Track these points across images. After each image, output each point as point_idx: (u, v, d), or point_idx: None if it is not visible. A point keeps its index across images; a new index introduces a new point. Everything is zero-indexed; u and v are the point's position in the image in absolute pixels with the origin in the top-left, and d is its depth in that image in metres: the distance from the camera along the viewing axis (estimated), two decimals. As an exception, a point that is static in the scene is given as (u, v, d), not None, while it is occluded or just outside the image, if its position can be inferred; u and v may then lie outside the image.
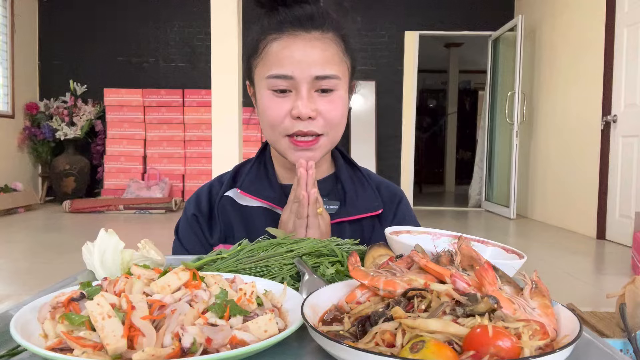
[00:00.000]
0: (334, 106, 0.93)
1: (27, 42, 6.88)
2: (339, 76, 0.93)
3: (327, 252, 0.74)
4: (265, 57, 0.93)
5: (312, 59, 0.90)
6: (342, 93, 0.95)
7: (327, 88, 0.92)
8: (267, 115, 0.94)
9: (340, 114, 0.95)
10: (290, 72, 0.90)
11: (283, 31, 0.91)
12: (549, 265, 3.45)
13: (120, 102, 6.80)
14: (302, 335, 0.51)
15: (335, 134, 0.97)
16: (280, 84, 0.91)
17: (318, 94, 0.92)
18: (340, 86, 0.94)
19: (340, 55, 0.94)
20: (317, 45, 0.91)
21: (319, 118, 0.92)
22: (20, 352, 0.49)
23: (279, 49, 0.91)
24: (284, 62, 0.90)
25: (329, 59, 0.91)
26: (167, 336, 0.44)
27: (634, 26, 4.35)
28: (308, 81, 0.90)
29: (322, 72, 0.90)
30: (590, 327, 1.66)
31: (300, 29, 0.91)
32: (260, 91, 0.95)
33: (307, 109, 0.90)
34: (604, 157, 4.70)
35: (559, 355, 0.41)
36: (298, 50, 0.90)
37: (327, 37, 0.92)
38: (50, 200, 7.02)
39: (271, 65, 0.91)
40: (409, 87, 7.06)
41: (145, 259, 0.71)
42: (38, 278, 3.01)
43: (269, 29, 0.93)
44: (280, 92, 0.92)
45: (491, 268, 0.53)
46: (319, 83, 0.91)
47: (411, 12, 6.97)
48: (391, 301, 0.50)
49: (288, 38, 0.91)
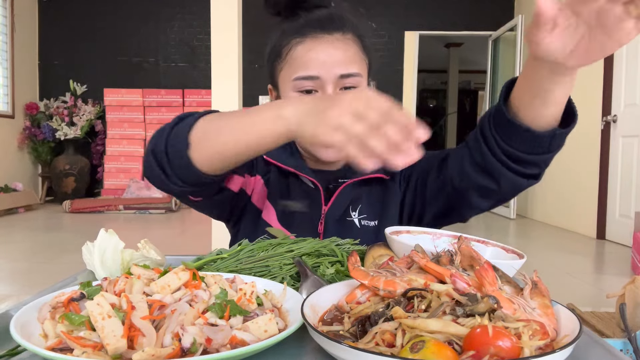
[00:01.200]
0: None
1: (27, 42, 6.88)
2: (361, 74, 0.97)
3: (327, 252, 0.74)
4: (290, 61, 0.96)
5: (336, 59, 0.94)
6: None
7: (351, 85, 0.96)
8: None
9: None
10: (317, 72, 0.93)
11: (306, 35, 0.95)
12: (549, 265, 3.45)
13: (120, 102, 6.80)
14: (302, 335, 0.51)
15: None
16: (307, 84, 0.94)
17: (343, 92, 0.95)
18: (362, 83, 0.98)
19: (360, 54, 0.98)
20: (339, 46, 0.95)
21: None
22: (20, 352, 0.49)
23: (303, 52, 0.94)
24: (310, 63, 0.93)
25: (351, 58, 0.95)
26: (167, 336, 0.44)
27: (634, 26, 4.35)
28: (333, 80, 0.94)
29: (346, 70, 0.94)
30: (590, 327, 1.66)
31: (323, 31, 0.95)
32: (286, 93, 0.97)
33: None
34: (604, 157, 4.70)
35: (559, 355, 0.41)
36: (322, 51, 0.94)
37: (347, 38, 0.96)
38: (50, 200, 7.02)
39: (297, 68, 0.94)
40: (409, 87, 7.06)
41: (145, 259, 0.72)
42: (38, 278, 3.01)
43: (291, 33, 0.96)
44: (307, 93, 0.95)
45: (491, 268, 0.53)
46: (343, 81, 0.95)
47: (411, 12, 6.97)
48: (391, 301, 0.50)
49: (312, 41, 0.94)
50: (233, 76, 4.39)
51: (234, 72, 4.39)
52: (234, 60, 4.36)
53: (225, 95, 4.42)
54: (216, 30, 4.36)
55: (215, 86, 4.43)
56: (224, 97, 4.43)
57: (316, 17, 0.96)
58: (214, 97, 4.46)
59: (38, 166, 7.09)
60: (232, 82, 4.40)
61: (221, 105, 4.42)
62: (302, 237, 0.79)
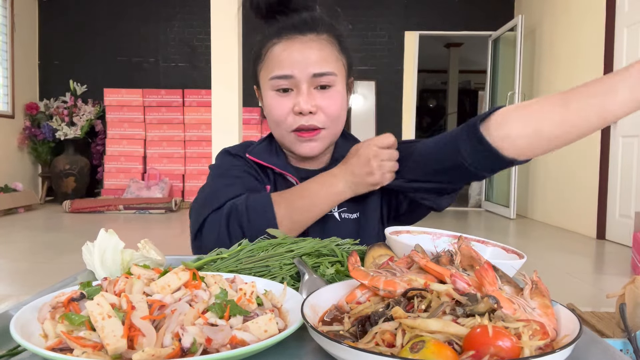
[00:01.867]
0: (333, 101, 1.01)
1: (27, 42, 6.88)
2: (335, 73, 1.00)
3: (327, 252, 0.74)
4: (267, 61, 1.01)
5: (310, 59, 0.97)
6: (340, 88, 1.02)
7: (325, 84, 0.99)
8: (273, 114, 1.02)
9: (338, 108, 1.02)
10: (290, 71, 0.97)
11: (282, 36, 0.99)
12: (549, 265, 3.45)
13: (120, 102, 6.80)
14: (302, 335, 0.51)
15: (335, 127, 1.05)
16: (282, 83, 0.99)
17: (317, 91, 1.00)
18: (337, 82, 1.01)
19: (336, 54, 1.02)
20: (313, 46, 0.99)
21: (320, 113, 1.00)
22: (20, 352, 0.49)
23: (279, 52, 0.99)
24: (284, 63, 0.98)
25: (325, 57, 0.99)
26: (167, 336, 0.44)
27: (634, 26, 4.35)
28: (307, 79, 0.98)
29: (320, 69, 0.98)
30: (590, 327, 1.66)
31: (297, 33, 0.99)
32: (265, 92, 1.03)
33: (308, 105, 0.98)
34: (604, 157, 4.70)
35: (559, 355, 0.41)
36: (296, 51, 0.98)
37: (322, 39, 1.00)
38: (50, 200, 7.02)
39: (273, 68, 0.99)
40: (409, 87, 7.06)
41: (145, 259, 0.72)
42: (38, 278, 3.01)
43: (269, 36, 1.01)
44: (283, 92, 1.00)
45: (491, 268, 0.53)
46: (318, 80, 0.98)
47: (411, 12, 6.97)
48: (391, 301, 0.50)
49: (287, 42, 0.99)
50: (233, 76, 4.40)
51: (234, 72, 4.39)
52: (234, 60, 4.37)
53: (225, 95, 4.43)
54: (216, 30, 4.36)
55: (215, 86, 4.43)
56: (224, 97, 4.43)
57: (291, 20, 1.01)
58: (214, 97, 4.46)
59: (38, 166, 7.08)
60: (232, 82, 4.41)
61: (221, 105, 4.42)
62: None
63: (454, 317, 0.45)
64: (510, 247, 0.72)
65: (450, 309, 0.46)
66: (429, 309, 0.47)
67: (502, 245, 0.75)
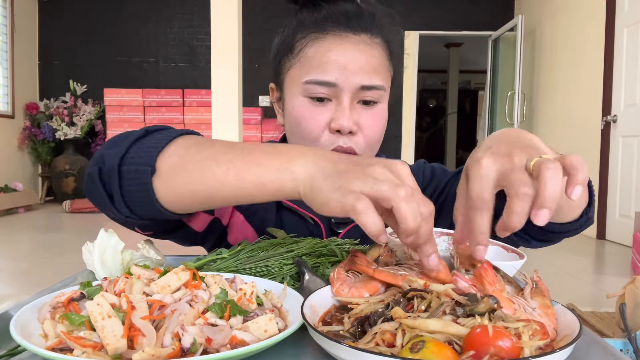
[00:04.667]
0: (377, 121, 0.83)
1: (27, 42, 6.88)
2: (385, 87, 0.82)
3: (327, 252, 0.74)
4: (304, 59, 0.81)
5: (360, 66, 0.79)
6: (384, 106, 0.84)
7: (371, 100, 0.81)
8: (303, 127, 0.81)
9: (380, 130, 0.84)
10: (334, 78, 0.79)
11: (327, 30, 0.80)
12: (549, 265, 3.45)
13: (120, 102, 6.80)
14: (302, 335, 0.51)
15: (371, 153, 0.85)
16: (320, 91, 0.80)
17: (360, 106, 0.82)
18: (384, 98, 0.84)
19: (386, 64, 0.84)
20: (365, 50, 0.80)
21: (359, 134, 0.81)
22: (20, 352, 0.49)
23: (322, 51, 0.80)
24: (328, 66, 0.79)
25: (376, 67, 0.81)
26: (167, 336, 0.44)
27: (634, 26, 4.35)
28: (352, 90, 0.79)
29: (369, 81, 0.80)
30: (590, 327, 1.66)
31: (348, 29, 0.80)
32: (293, 97, 0.83)
33: (350, 122, 0.79)
34: (604, 157, 4.69)
35: (559, 355, 0.41)
36: (344, 53, 0.79)
37: (375, 42, 0.82)
38: (50, 200, 7.02)
39: (310, 69, 0.80)
40: (409, 87, 7.06)
41: (145, 259, 0.72)
42: (38, 278, 3.01)
43: (309, 26, 0.82)
44: (318, 101, 0.81)
45: (491, 268, 0.53)
46: (363, 94, 0.80)
47: (411, 12, 6.97)
48: (391, 301, 0.50)
49: (333, 39, 0.80)
50: (233, 76, 4.40)
51: (234, 72, 4.39)
52: (234, 60, 4.36)
53: (225, 95, 4.42)
54: (216, 30, 4.36)
55: (215, 86, 4.43)
56: (224, 97, 4.43)
57: (342, 10, 0.81)
58: (214, 97, 4.46)
59: (38, 166, 7.08)
60: (232, 82, 4.41)
61: (221, 105, 4.42)
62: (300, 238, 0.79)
63: (454, 317, 0.45)
64: (511, 247, 0.72)
65: (450, 309, 0.46)
66: (429, 309, 0.47)
67: (503, 244, 0.75)
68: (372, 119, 0.82)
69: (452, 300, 0.48)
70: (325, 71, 0.79)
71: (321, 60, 0.79)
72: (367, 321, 0.47)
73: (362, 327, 0.47)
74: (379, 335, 0.44)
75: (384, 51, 0.83)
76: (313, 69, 0.80)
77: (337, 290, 0.56)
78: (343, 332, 0.48)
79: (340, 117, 0.78)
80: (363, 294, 0.55)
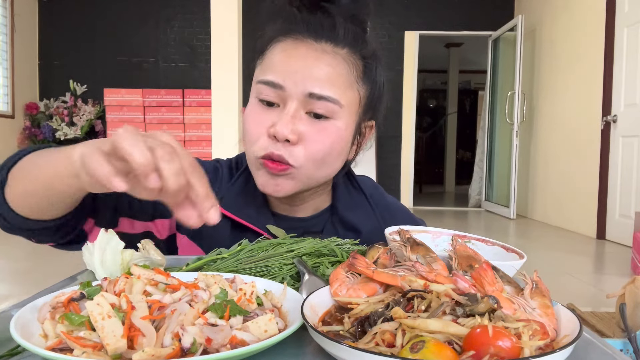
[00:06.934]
0: (325, 138, 0.76)
1: (27, 42, 6.88)
2: (340, 102, 0.76)
3: (327, 252, 0.74)
4: (265, 60, 0.79)
5: (312, 72, 0.75)
6: (341, 125, 0.78)
7: (321, 113, 0.76)
8: (246, 129, 0.79)
9: (327, 148, 0.77)
10: (282, 80, 0.75)
11: (289, 34, 0.78)
12: (549, 265, 3.45)
13: (120, 102, 6.80)
14: (302, 335, 0.51)
15: (315, 170, 0.79)
16: (268, 93, 0.76)
17: (308, 117, 0.76)
18: (341, 116, 0.77)
19: (351, 80, 0.78)
20: (323, 58, 0.76)
21: (300, 145, 0.76)
22: (20, 352, 0.49)
23: (278, 53, 0.77)
24: (278, 67, 0.76)
25: (332, 77, 0.75)
26: (167, 336, 0.44)
27: (634, 26, 4.35)
28: (299, 97, 0.75)
29: (320, 90, 0.74)
30: (590, 327, 1.66)
31: (309, 35, 0.77)
32: (250, 98, 0.81)
33: (287, 129, 0.74)
34: (604, 157, 4.70)
35: (559, 355, 0.41)
36: (298, 57, 0.76)
37: (338, 53, 0.77)
38: (50, 200, 7.02)
39: (266, 69, 0.78)
40: (409, 87, 7.06)
41: (145, 259, 0.71)
42: (38, 278, 3.01)
43: (277, 30, 0.80)
44: (267, 105, 0.77)
45: (490, 268, 0.53)
46: (313, 104, 0.75)
47: (411, 12, 6.97)
48: (391, 301, 0.50)
49: (292, 42, 0.77)
50: (233, 76, 4.40)
51: (234, 72, 4.39)
52: (234, 60, 4.37)
53: (225, 95, 4.43)
54: (216, 30, 4.36)
55: (215, 86, 4.44)
56: (224, 97, 4.43)
57: (313, 18, 0.78)
58: (214, 97, 4.46)
59: (38, 166, 7.09)
60: (232, 82, 4.41)
61: (221, 105, 4.42)
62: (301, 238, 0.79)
63: (454, 317, 0.45)
64: (511, 247, 0.72)
65: (450, 309, 0.46)
66: (429, 309, 0.47)
67: (503, 244, 0.75)
68: (319, 134, 0.76)
69: (452, 300, 0.48)
70: (275, 72, 0.76)
71: (274, 61, 0.77)
72: (367, 321, 0.47)
73: (362, 327, 0.47)
74: (379, 335, 0.44)
75: (349, 65, 0.78)
76: (267, 70, 0.77)
77: (335, 291, 0.56)
78: (343, 332, 0.48)
79: (278, 123, 0.74)
80: (361, 296, 0.55)
